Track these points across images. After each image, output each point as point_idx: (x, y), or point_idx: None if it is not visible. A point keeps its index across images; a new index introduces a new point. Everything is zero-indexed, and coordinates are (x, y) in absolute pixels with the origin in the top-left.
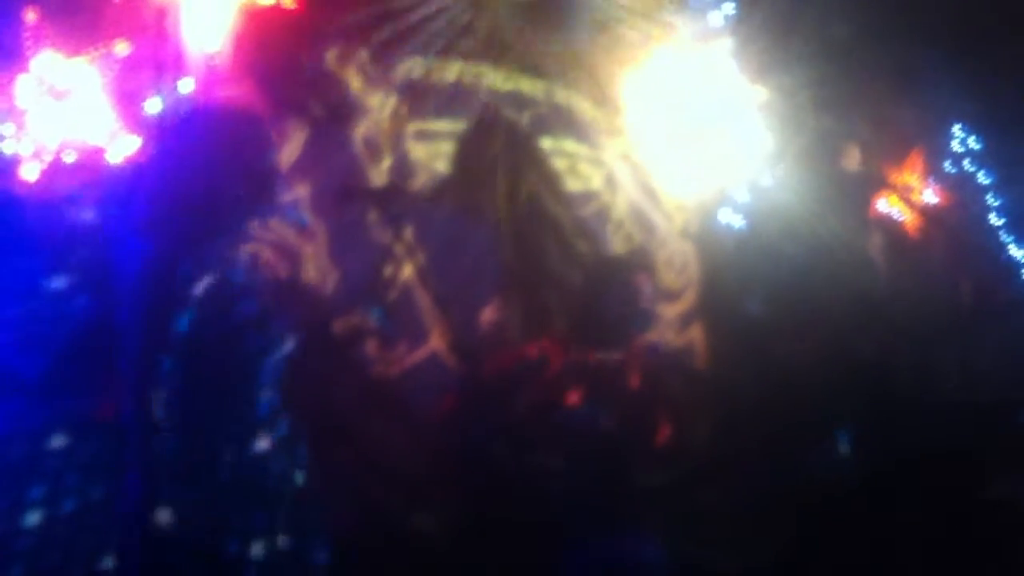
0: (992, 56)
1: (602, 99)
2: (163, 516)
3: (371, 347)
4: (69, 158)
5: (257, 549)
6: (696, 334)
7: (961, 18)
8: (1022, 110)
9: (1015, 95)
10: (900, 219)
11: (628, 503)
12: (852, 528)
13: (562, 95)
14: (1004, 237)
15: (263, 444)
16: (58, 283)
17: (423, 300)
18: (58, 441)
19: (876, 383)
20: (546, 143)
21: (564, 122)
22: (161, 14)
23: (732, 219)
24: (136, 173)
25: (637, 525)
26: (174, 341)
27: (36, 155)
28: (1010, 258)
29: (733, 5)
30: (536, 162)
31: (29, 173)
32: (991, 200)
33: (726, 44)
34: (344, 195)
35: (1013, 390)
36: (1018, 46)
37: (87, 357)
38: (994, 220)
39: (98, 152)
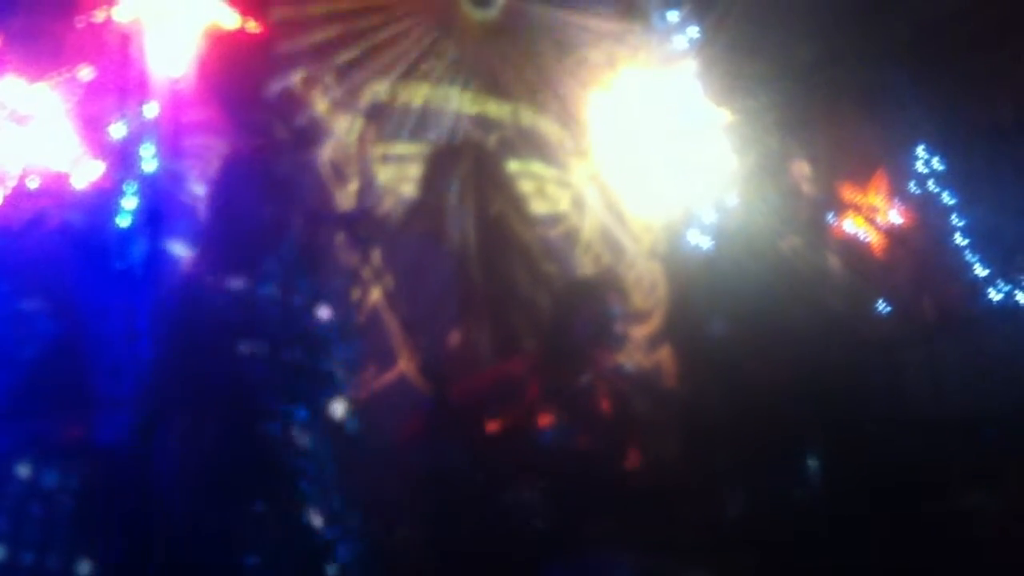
0: (954, 77)
1: (569, 121)
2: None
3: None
4: (33, 183)
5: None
6: (665, 355)
7: (923, 39)
8: (985, 130)
9: (977, 115)
10: (865, 239)
11: (600, 525)
12: (823, 544)
13: (529, 117)
14: (968, 256)
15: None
16: (22, 306)
17: (391, 323)
18: (25, 462)
19: (842, 401)
20: (513, 165)
21: (531, 144)
22: (125, 38)
23: (700, 239)
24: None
25: (609, 546)
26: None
27: None
28: (975, 277)
29: (697, 28)
30: (503, 184)
31: None
32: (955, 220)
33: (691, 67)
34: (311, 219)
35: (978, 407)
36: (979, 66)
37: (54, 379)
38: (958, 240)
39: (62, 177)
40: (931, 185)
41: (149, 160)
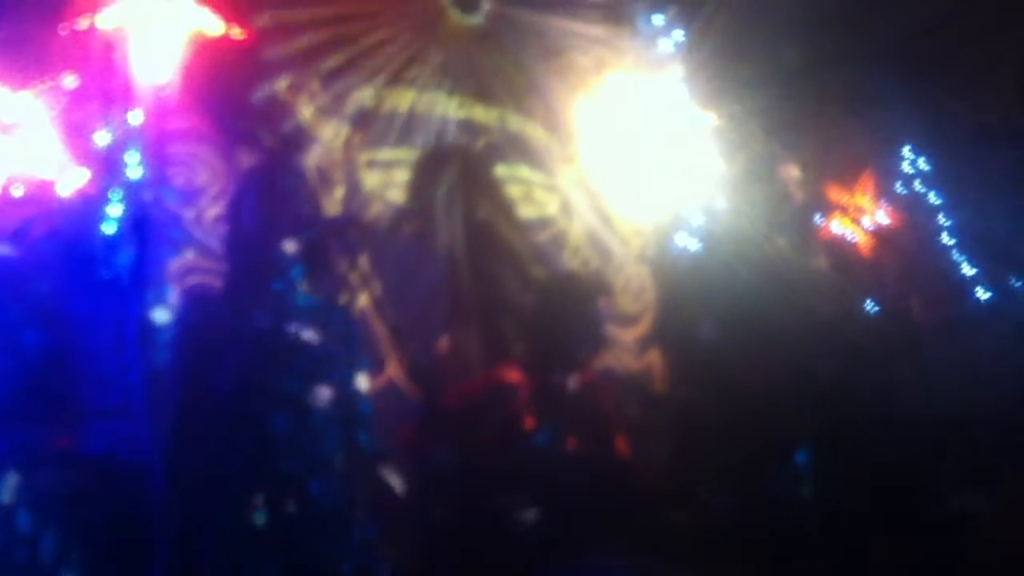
0: (940, 79)
1: (556, 126)
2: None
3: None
4: (18, 191)
5: None
6: (654, 358)
7: (909, 43)
8: (970, 131)
9: (963, 117)
10: (853, 240)
11: (593, 526)
12: (814, 544)
13: (516, 122)
14: (955, 256)
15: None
16: (9, 316)
17: (379, 329)
18: (15, 471)
19: (832, 402)
20: (500, 170)
21: (518, 149)
22: (109, 46)
23: (688, 243)
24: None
25: (603, 548)
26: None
27: None
28: (961, 276)
29: (683, 32)
30: (491, 189)
31: None
32: (942, 220)
33: (677, 71)
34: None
35: (966, 406)
36: (965, 69)
37: (43, 389)
38: (945, 239)
39: (47, 185)
40: (918, 185)
41: (134, 167)
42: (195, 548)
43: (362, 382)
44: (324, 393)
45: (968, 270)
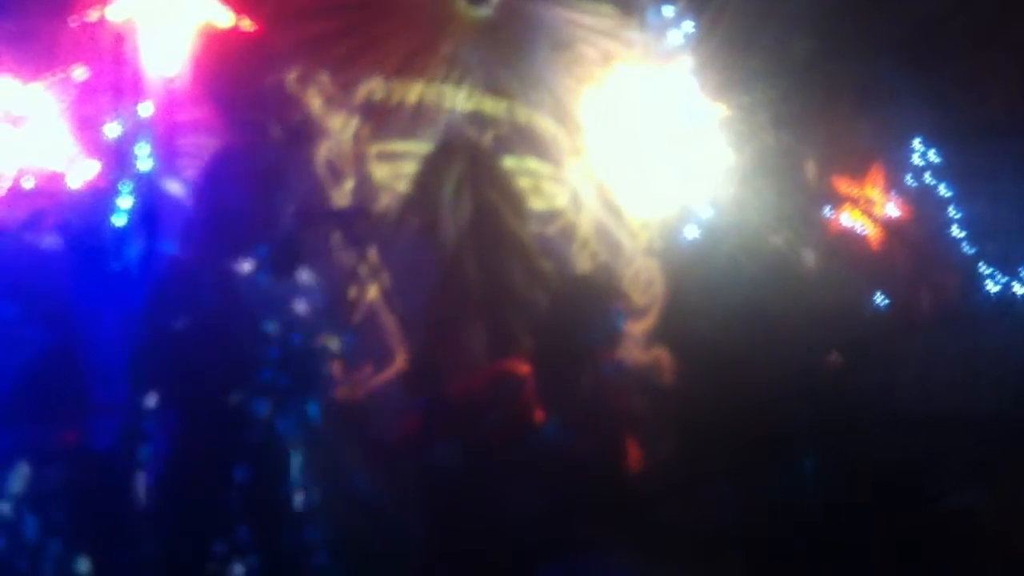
0: (950, 71)
1: (564, 118)
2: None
3: (336, 369)
4: (28, 184)
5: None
6: (662, 351)
7: (919, 34)
8: (981, 123)
9: (973, 109)
10: (862, 232)
11: (595, 522)
12: (816, 542)
13: (524, 114)
14: (965, 249)
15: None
16: (11, 311)
17: (388, 321)
18: (20, 467)
19: (837, 398)
20: (509, 162)
21: (527, 141)
22: (119, 38)
23: (696, 236)
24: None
25: (604, 544)
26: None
27: None
28: (970, 269)
29: (693, 24)
30: (499, 181)
31: None
32: (952, 212)
33: (686, 62)
34: (307, 217)
35: (969, 403)
36: (975, 61)
37: (49, 384)
38: (955, 232)
39: (57, 177)
40: (928, 178)
41: (144, 159)
42: (196, 544)
43: (364, 377)
44: (325, 389)
45: (977, 263)
